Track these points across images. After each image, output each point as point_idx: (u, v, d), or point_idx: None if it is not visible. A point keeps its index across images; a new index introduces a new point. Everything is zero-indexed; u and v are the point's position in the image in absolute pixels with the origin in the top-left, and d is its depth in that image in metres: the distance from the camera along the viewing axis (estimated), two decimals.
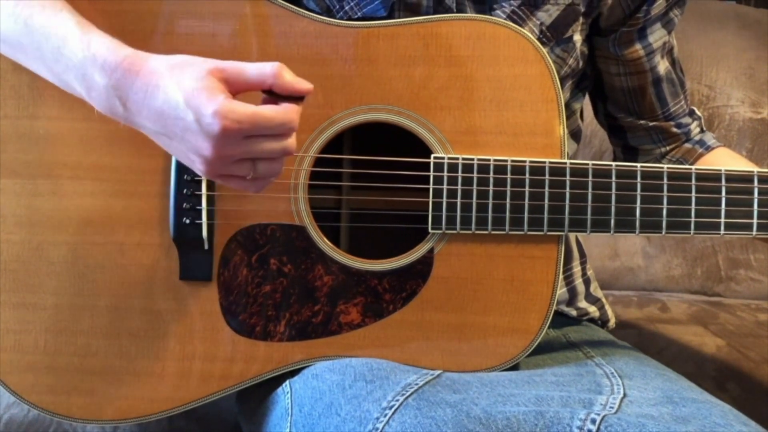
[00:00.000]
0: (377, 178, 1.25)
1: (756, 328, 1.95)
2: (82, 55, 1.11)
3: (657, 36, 1.43)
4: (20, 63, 1.21)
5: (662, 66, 1.47)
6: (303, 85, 1.09)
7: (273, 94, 1.08)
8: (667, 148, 1.52)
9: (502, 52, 1.24)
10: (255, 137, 1.06)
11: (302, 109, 1.09)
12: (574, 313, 1.51)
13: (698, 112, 1.55)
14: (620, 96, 1.49)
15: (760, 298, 2.16)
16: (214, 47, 1.25)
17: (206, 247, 1.25)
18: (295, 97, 1.08)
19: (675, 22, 1.45)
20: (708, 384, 1.71)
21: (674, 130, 1.50)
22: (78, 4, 1.21)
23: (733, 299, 2.15)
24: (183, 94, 1.05)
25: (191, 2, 1.26)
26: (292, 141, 1.09)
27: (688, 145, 1.52)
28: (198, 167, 1.10)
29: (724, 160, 1.49)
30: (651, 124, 1.50)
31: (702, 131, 1.54)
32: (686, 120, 1.51)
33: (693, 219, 1.24)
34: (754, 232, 1.25)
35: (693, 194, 1.24)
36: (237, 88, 1.07)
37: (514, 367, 1.26)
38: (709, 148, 1.51)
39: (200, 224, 1.25)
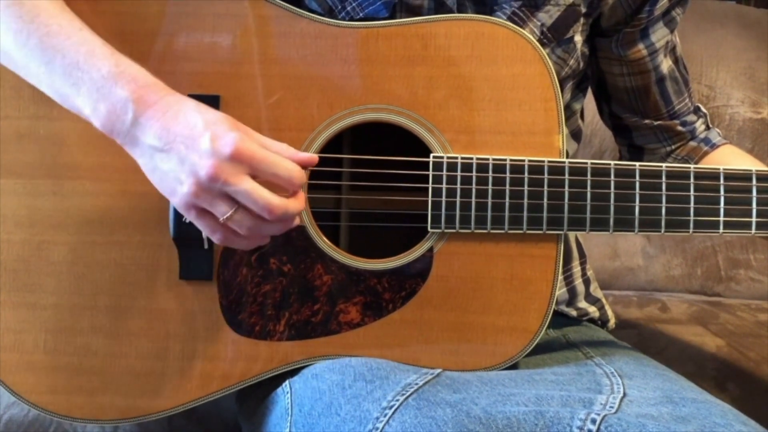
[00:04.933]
0: (376, 177, 1.25)
1: (756, 328, 1.95)
2: (107, 71, 1.13)
3: (659, 35, 1.43)
4: (15, 71, 1.22)
5: (665, 65, 1.47)
6: (310, 158, 1.17)
7: None
8: (673, 146, 1.52)
9: (500, 52, 1.24)
10: (255, 179, 1.10)
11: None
12: (574, 313, 1.51)
13: (703, 109, 1.54)
14: (624, 96, 1.49)
15: (760, 298, 2.15)
16: (214, 48, 1.25)
17: (206, 246, 1.25)
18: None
19: (677, 20, 1.45)
20: (708, 384, 1.72)
21: (679, 128, 1.50)
22: (78, 5, 1.22)
23: (733, 299, 2.15)
24: (203, 118, 1.10)
25: (191, 3, 1.26)
26: (282, 208, 1.11)
27: (693, 143, 1.52)
28: (182, 190, 1.10)
29: (729, 158, 1.49)
30: (656, 123, 1.50)
31: (708, 128, 1.53)
32: (691, 118, 1.51)
33: (692, 218, 1.24)
34: (753, 231, 1.25)
35: (692, 193, 1.24)
36: (252, 137, 1.12)
37: (514, 367, 1.26)
38: (714, 146, 1.51)
39: None
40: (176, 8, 1.26)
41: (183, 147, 1.09)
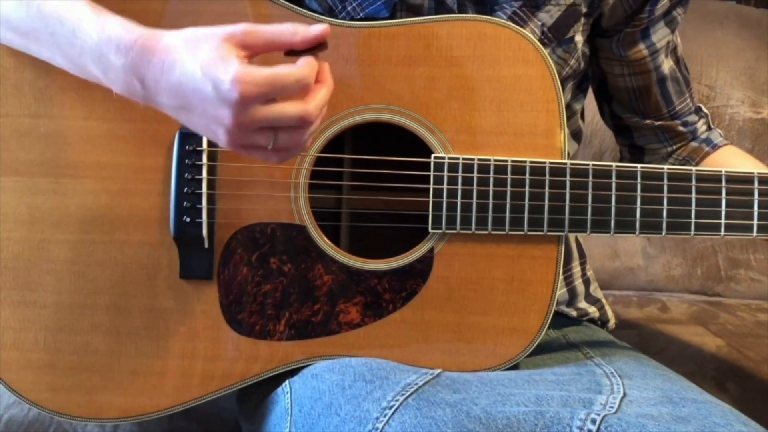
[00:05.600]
0: (378, 177, 1.25)
1: (756, 328, 1.95)
2: (97, 37, 1.11)
3: (660, 35, 1.43)
4: (32, 53, 1.21)
5: (666, 65, 1.46)
6: (317, 30, 1.08)
7: (292, 54, 1.08)
8: (674, 147, 1.52)
9: (502, 53, 1.24)
10: (274, 102, 1.06)
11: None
12: (574, 313, 1.51)
13: (705, 110, 1.54)
14: (625, 96, 1.49)
15: (760, 298, 2.15)
16: None
17: (206, 245, 1.25)
18: (314, 49, 1.08)
19: (678, 20, 1.45)
20: (708, 384, 1.72)
21: (680, 128, 1.50)
22: None
23: (733, 299, 2.15)
24: (200, 64, 1.05)
25: (193, 2, 1.26)
26: (311, 107, 1.07)
27: (694, 144, 1.51)
28: (221, 138, 1.08)
29: (730, 159, 1.49)
30: (657, 123, 1.50)
31: (709, 129, 1.53)
32: (692, 118, 1.51)
33: (693, 220, 1.24)
34: (755, 234, 1.25)
35: (693, 195, 1.24)
36: (254, 50, 1.07)
37: (514, 367, 1.26)
38: (715, 147, 1.51)
39: (201, 223, 1.25)
40: (176, 7, 1.26)
41: (197, 101, 1.06)
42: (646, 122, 1.50)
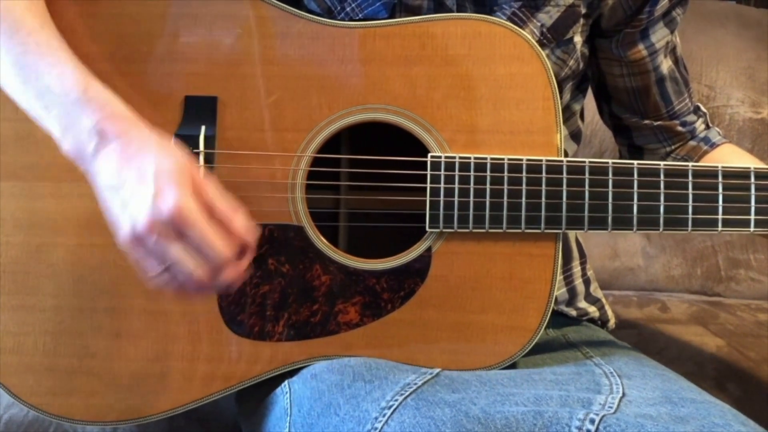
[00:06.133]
0: (375, 177, 1.25)
1: (756, 328, 1.95)
2: (75, 97, 1.13)
3: (660, 36, 1.43)
4: None
5: (665, 65, 1.46)
6: (249, 233, 1.13)
7: None
8: (673, 146, 1.52)
9: (498, 51, 1.24)
10: (186, 244, 1.08)
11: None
12: (573, 313, 1.50)
13: (703, 109, 1.54)
14: (624, 96, 1.49)
15: (760, 298, 2.15)
16: (212, 49, 1.25)
17: None
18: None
19: (678, 21, 1.45)
20: (708, 384, 1.71)
21: (679, 128, 1.50)
22: (76, 7, 1.22)
23: (733, 299, 2.15)
24: (155, 167, 1.08)
25: (189, 4, 1.26)
26: (207, 281, 1.10)
27: (692, 143, 1.51)
28: (121, 233, 1.10)
29: (728, 157, 1.49)
30: (656, 123, 1.50)
31: (707, 128, 1.53)
32: (691, 118, 1.51)
33: (690, 216, 1.24)
34: (752, 229, 1.25)
35: (690, 191, 1.24)
36: (199, 201, 1.09)
37: (513, 366, 1.26)
38: (713, 145, 1.51)
39: None
40: (174, 9, 1.26)
41: (128, 193, 1.09)
42: (645, 122, 1.50)
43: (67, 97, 1.13)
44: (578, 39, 1.39)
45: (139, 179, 1.08)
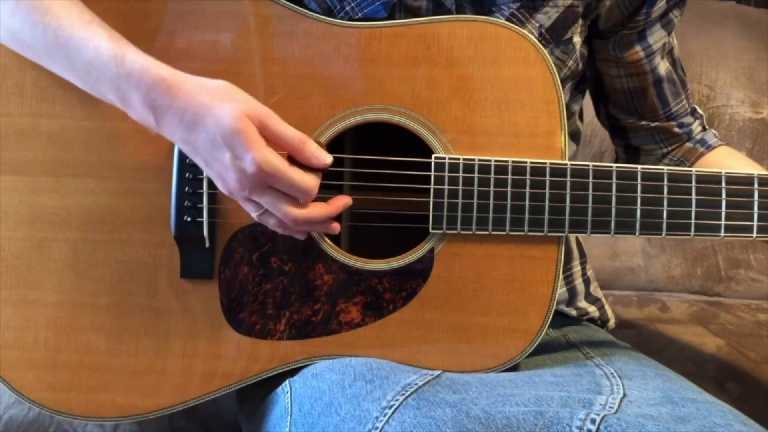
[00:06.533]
0: (378, 178, 1.25)
1: (756, 328, 1.95)
2: (116, 71, 1.14)
3: (657, 37, 1.43)
4: (47, 67, 1.22)
5: (663, 66, 1.46)
6: (320, 161, 1.16)
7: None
8: (669, 148, 1.52)
9: (503, 54, 1.24)
10: (275, 191, 1.14)
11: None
12: (573, 313, 1.51)
13: (700, 111, 1.55)
14: (621, 97, 1.49)
15: (760, 298, 2.15)
16: (215, 47, 1.25)
17: (207, 245, 1.25)
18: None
19: (675, 22, 1.45)
20: (708, 384, 1.71)
21: (676, 130, 1.50)
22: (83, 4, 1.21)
23: (733, 299, 2.15)
24: (221, 130, 1.11)
25: (193, 2, 1.26)
26: (304, 213, 1.16)
27: (689, 145, 1.52)
28: (220, 186, 1.17)
29: (725, 159, 1.49)
30: (653, 124, 1.50)
31: (704, 130, 1.54)
32: (688, 119, 1.51)
33: (693, 221, 1.24)
34: (755, 235, 1.25)
35: (693, 196, 1.24)
36: (267, 138, 1.13)
37: (514, 368, 1.26)
38: (710, 147, 1.51)
39: (201, 222, 1.25)
40: (178, 7, 1.26)
41: (209, 157, 1.14)
42: (642, 123, 1.50)
43: (109, 72, 1.15)
44: (577, 39, 1.39)
45: (211, 145, 1.12)
